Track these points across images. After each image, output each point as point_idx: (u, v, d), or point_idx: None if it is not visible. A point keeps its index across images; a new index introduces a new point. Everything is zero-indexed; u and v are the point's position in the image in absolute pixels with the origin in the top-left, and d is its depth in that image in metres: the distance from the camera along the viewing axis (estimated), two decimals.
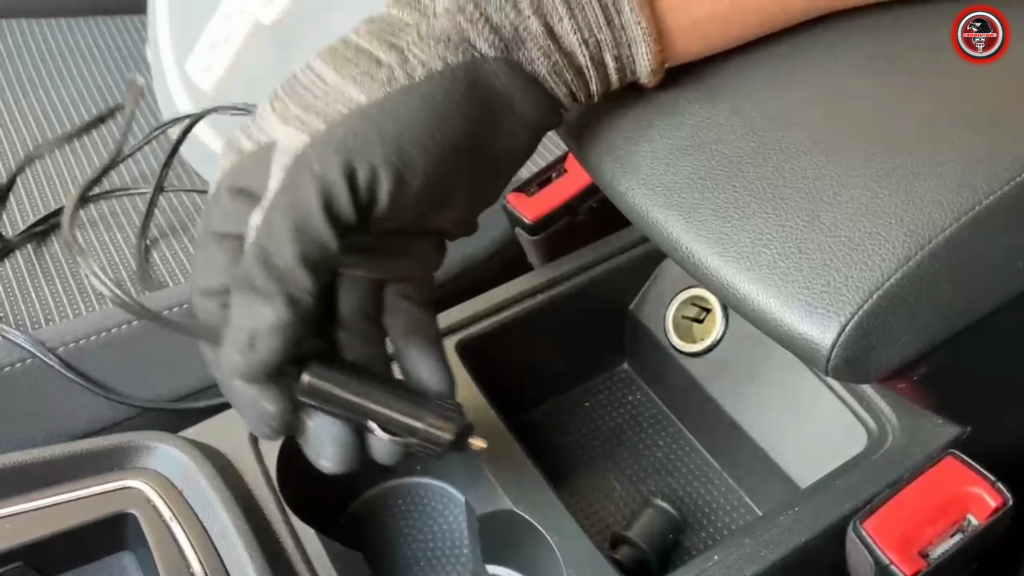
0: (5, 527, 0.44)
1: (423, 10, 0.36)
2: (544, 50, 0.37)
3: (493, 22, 0.36)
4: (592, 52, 0.38)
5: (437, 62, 0.35)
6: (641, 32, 0.38)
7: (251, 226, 0.34)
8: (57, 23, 1.01)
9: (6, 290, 0.66)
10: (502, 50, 0.36)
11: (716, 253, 0.40)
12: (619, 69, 0.40)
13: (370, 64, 0.35)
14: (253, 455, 0.49)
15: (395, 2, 0.38)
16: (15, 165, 0.76)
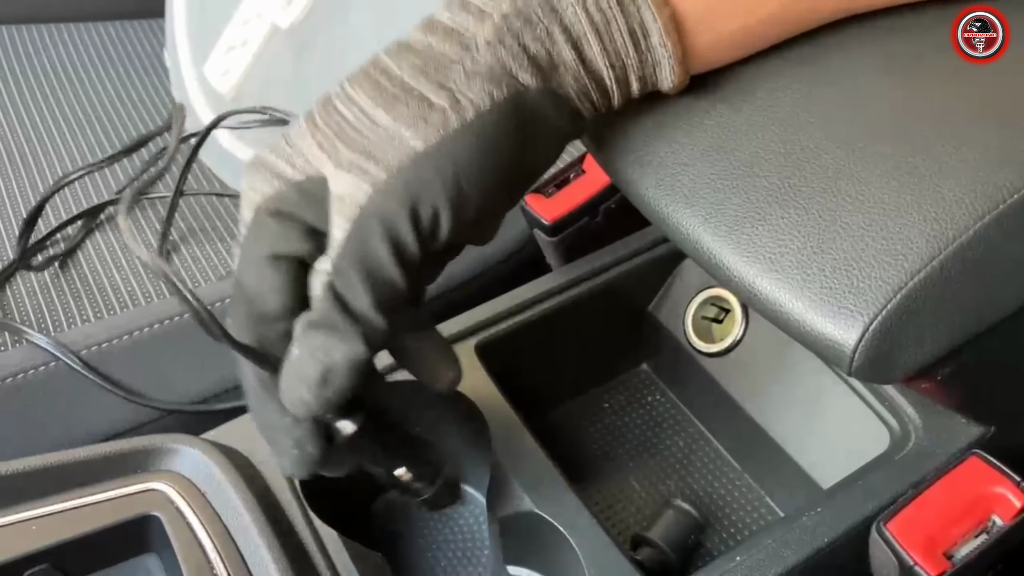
0: (31, 529, 0.45)
1: (466, 44, 0.37)
2: (574, 75, 0.39)
3: (531, 52, 0.37)
4: (618, 74, 0.40)
5: (485, 99, 0.36)
6: (667, 54, 0.40)
7: (319, 271, 0.36)
8: (76, 27, 1.02)
9: (29, 295, 0.67)
10: (540, 79, 0.38)
11: (738, 253, 0.40)
12: (642, 86, 0.41)
13: (421, 106, 0.36)
14: None
15: (430, 29, 0.38)
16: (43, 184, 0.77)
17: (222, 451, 0.48)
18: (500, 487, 0.50)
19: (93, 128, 0.87)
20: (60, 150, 0.83)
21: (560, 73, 0.38)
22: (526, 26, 0.37)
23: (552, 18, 0.37)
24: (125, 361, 0.57)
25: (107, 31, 1.02)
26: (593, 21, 0.38)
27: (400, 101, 0.36)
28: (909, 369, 0.38)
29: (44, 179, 0.80)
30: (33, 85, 0.92)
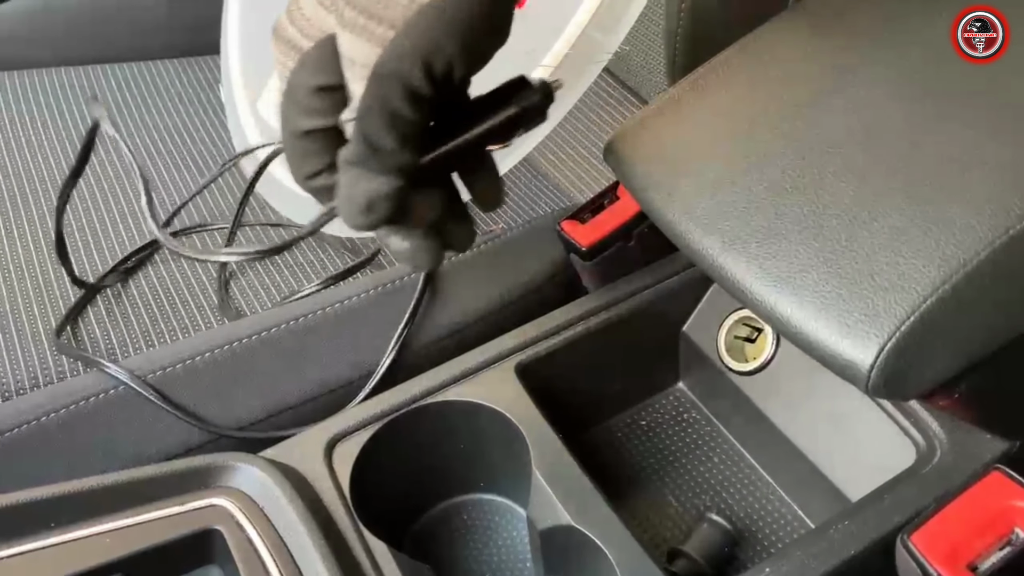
0: (105, 542, 0.48)
1: None
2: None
3: None
4: None
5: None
6: None
7: (344, 120, 0.37)
8: (136, 66, 1.07)
9: (99, 324, 0.71)
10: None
11: (759, 278, 0.42)
12: None
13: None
14: (328, 473, 0.53)
15: None
16: (107, 215, 0.81)
17: (279, 468, 0.51)
18: (540, 502, 0.52)
19: (154, 162, 0.91)
20: (124, 183, 0.88)
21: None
22: None
23: None
24: (186, 385, 0.60)
25: (165, 68, 1.07)
26: None
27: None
28: (924, 387, 0.40)
29: (109, 211, 0.84)
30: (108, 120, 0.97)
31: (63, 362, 0.67)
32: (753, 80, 0.49)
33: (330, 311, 0.65)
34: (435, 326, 0.66)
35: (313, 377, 0.62)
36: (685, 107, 0.49)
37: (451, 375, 0.58)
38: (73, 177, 0.83)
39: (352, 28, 0.35)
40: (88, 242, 0.80)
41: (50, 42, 1.08)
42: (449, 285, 0.65)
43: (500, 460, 0.59)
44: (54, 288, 0.75)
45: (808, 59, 0.48)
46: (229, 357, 0.62)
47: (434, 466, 0.60)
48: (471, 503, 0.61)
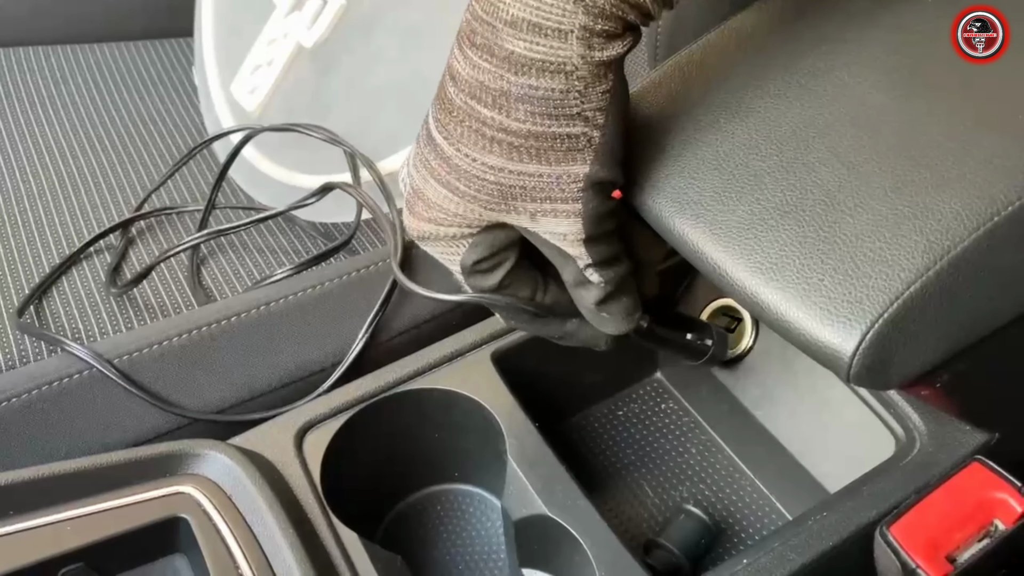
0: (67, 530, 0.47)
1: (566, 70, 0.39)
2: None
3: (614, 36, 0.40)
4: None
5: (610, 108, 0.41)
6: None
7: (576, 284, 0.45)
8: (108, 47, 1.05)
9: (64, 306, 0.69)
10: (630, 42, 0.41)
11: (741, 264, 0.41)
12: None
13: (570, 142, 0.41)
14: (298, 461, 0.51)
15: (519, 69, 0.40)
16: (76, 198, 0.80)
17: (247, 456, 0.50)
18: (515, 492, 0.51)
19: (124, 144, 0.89)
20: (93, 166, 0.86)
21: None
22: (604, 21, 0.38)
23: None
24: (155, 369, 0.59)
25: (138, 50, 1.05)
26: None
27: (545, 148, 0.40)
28: (906, 376, 0.39)
29: (77, 193, 0.82)
30: (68, 103, 0.95)
31: (26, 344, 0.65)
32: (736, 63, 0.48)
33: (303, 296, 0.64)
34: (410, 313, 0.65)
35: (285, 363, 0.61)
36: (666, 91, 0.49)
37: (426, 362, 0.57)
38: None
39: (535, 214, 0.42)
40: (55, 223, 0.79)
41: (22, 21, 1.05)
42: (425, 271, 0.64)
43: (475, 449, 0.58)
44: (17, 267, 0.73)
45: (793, 43, 0.48)
46: (199, 342, 0.61)
47: (407, 455, 0.59)
48: (445, 493, 0.60)
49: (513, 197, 0.42)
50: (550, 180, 0.41)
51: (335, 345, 0.62)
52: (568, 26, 0.38)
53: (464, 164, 0.42)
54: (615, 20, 0.39)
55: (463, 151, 0.41)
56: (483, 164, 0.41)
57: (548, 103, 0.40)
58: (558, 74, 0.39)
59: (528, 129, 0.40)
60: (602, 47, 0.39)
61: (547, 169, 0.41)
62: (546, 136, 0.40)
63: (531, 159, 0.41)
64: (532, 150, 0.41)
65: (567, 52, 0.39)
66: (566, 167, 0.41)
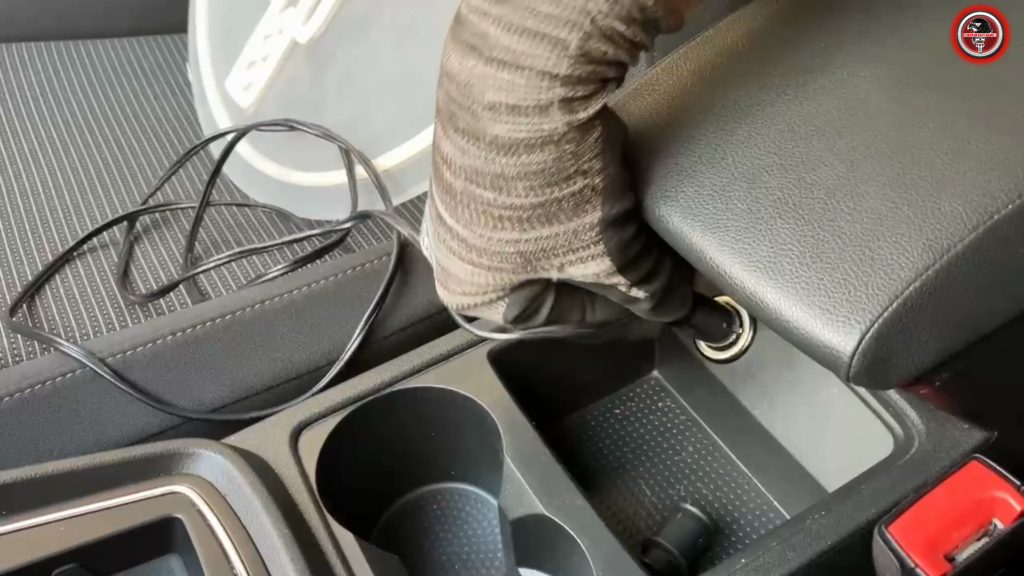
0: (60, 530, 0.46)
1: (569, 138, 0.40)
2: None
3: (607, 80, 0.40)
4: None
5: (611, 162, 0.42)
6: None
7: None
8: (102, 44, 1.04)
9: (57, 305, 0.69)
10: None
11: (739, 263, 0.41)
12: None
13: (581, 198, 0.41)
14: (293, 461, 0.51)
15: (527, 148, 0.40)
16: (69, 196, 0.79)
17: (242, 455, 0.50)
18: (512, 491, 0.51)
19: (118, 141, 0.89)
20: (87, 163, 0.85)
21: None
22: (582, 86, 0.38)
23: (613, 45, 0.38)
24: (149, 368, 0.59)
25: (132, 47, 1.05)
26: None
27: (553, 211, 0.41)
28: (905, 376, 0.39)
29: (71, 190, 0.82)
30: (61, 100, 0.95)
31: (19, 343, 0.64)
32: (733, 61, 0.48)
33: (297, 294, 0.63)
34: (406, 311, 0.64)
35: (279, 361, 0.61)
36: (662, 89, 0.48)
37: (422, 361, 0.56)
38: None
39: (561, 267, 0.43)
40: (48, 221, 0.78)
41: (14, 17, 1.05)
42: (421, 269, 0.64)
43: (472, 448, 0.57)
44: (9, 265, 0.73)
45: (790, 41, 0.47)
46: (193, 340, 0.60)
47: (404, 454, 0.58)
48: (441, 492, 0.60)
49: (536, 259, 0.43)
50: (567, 236, 0.42)
51: (330, 343, 0.62)
52: (547, 100, 0.38)
53: (480, 243, 0.42)
54: (593, 81, 0.39)
55: (476, 231, 0.42)
56: (499, 239, 0.42)
57: (544, 174, 0.40)
58: (547, 146, 0.39)
59: (532, 202, 0.41)
60: (585, 107, 0.39)
61: (560, 228, 0.42)
62: (551, 202, 0.41)
63: (543, 224, 0.41)
64: (542, 217, 0.41)
65: (551, 124, 0.39)
66: (579, 220, 0.42)
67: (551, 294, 0.45)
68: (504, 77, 0.38)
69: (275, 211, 0.79)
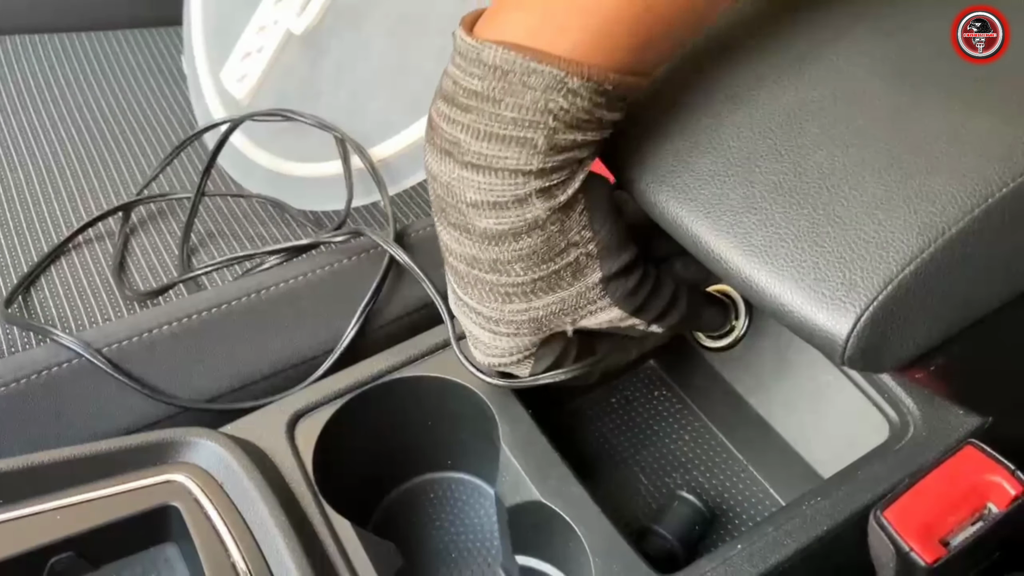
0: (56, 519, 0.46)
1: (556, 216, 0.42)
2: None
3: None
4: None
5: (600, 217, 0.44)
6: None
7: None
8: (96, 36, 1.04)
9: (53, 296, 0.69)
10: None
11: (735, 248, 0.41)
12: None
13: (576, 263, 0.44)
14: (290, 450, 0.51)
15: (518, 234, 0.42)
16: (64, 188, 0.79)
17: (239, 444, 0.50)
18: (509, 479, 0.51)
19: (113, 133, 0.89)
20: (81, 155, 0.85)
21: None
22: (558, 174, 0.41)
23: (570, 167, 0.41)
24: (145, 358, 0.59)
25: (127, 39, 1.04)
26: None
27: (555, 281, 0.44)
28: (900, 360, 0.39)
29: (66, 182, 0.82)
30: (56, 92, 0.94)
31: (14, 334, 0.64)
32: (729, 48, 0.48)
33: (293, 283, 0.63)
34: (402, 300, 0.64)
35: (276, 351, 0.61)
36: (659, 77, 0.48)
37: (419, 350, 0.56)
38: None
39: (590, 315, 0.46)
40: (43, 212, 0.78)
41: (8, 10, 1.05)
42: (417, 258, 0.64)
43: (468, 437, 0.58)
44: (5, 257, 0.73)
45: (787, 29, 0.47)
46: (189, 330, 0.60)
47: (400, 443, 0.58)
48: (438, 481, 0.60)
49: (548, 322, 0.46)
50: (573, 299, 0.45)
51: (327, 333, 0.62)
52: (524, 194, 0.40)
53: (495, 315, 0.46)
54: (567, 166, 0.41)
55: (488, 306, 0.45)
56: (510, 310, 0.45)
57: (537, 255, 0.42)
58: (533, 231, 0.41)
59: (531, 278, 0.43)
60: (563, 191, 0.41)
61: (565, 293, 0.44)
62: (550, 275, 0.43)
63: (547, 294, 0.44)
64: (545, 288, 0.44)
65: (533, 213, 0.41)
66: (581, 284, 0.44)
67: (575, 344, 0.48)
68: (480, 179, 0.40)
69: (270, 201, 0.79)
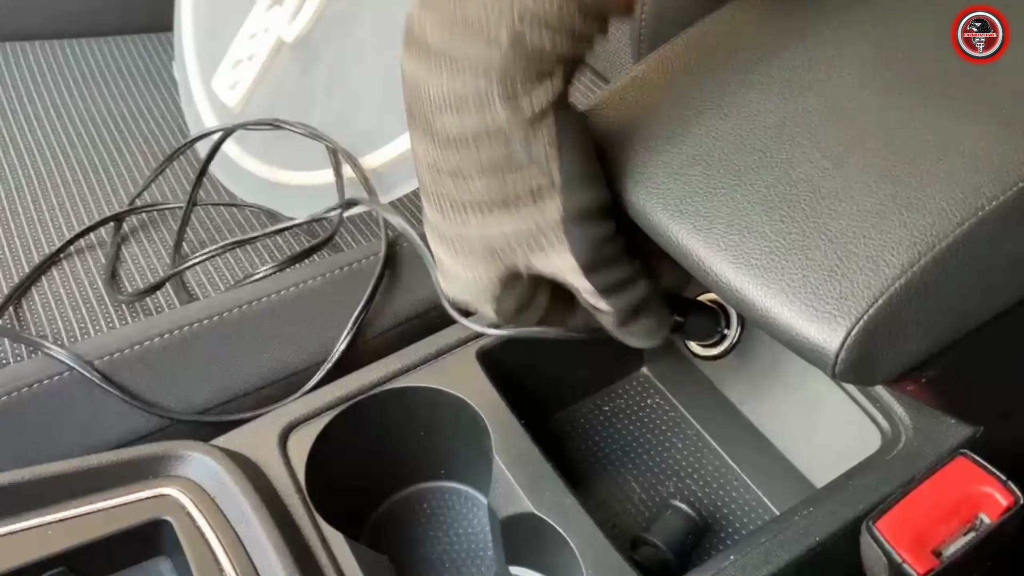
0: (48, 534, 0.46)
1: (501, 130, 0.41)
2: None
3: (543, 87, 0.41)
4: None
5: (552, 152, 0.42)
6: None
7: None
8: (87, 42, 1.04)
9: (44, 307, 0.69)
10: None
11: (726, 260, 0.41)
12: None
13: (534, 188, 0.42)
14: (282, 462, 0.51)
15: (462, 144, 0.41)
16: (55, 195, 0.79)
17: (231, 456, 0.50)
18: (502, 490, 0.51)
19: (104, 141, 0.88)
20: (72, 163, 0.85)
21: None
22: (522, 82, 0.40)
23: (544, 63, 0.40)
24: (137, 370, 0.58)
25: (117, 45, 1.04)
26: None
27: (513, 204, 0.42)
28: (891, 372, 0.39)
29: (57, 191, 0.81)
30: (46, 100, 0.94)
31: (5, 346, 0.64)
32: (719, 58, 0.48)
33: (285, 294, 0.63)
34: (394, 310, 0.64)
35: (268, 362, 0.60)
36: (649, 86, 0.48)
37: (410, 360, 0.56)
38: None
39: (544, 256, 0.43)
40: (34, 222, 0.78)
41: None
42: (408, 268, 0.64)
43: (461, 447, 0.57)
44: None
45: (777, 38, 0.47)
46: (180, 342, 0.60)
47: (393, 454, 0.58)
48: (431, 491, 0.60)
49: (504, 252, 0.43)
50: (529, 229, 0.42)
51: (319, 344, 0.62)
52: (486, 96, 0.39)
53: (450, 232, 0.44)
54: (533, 74, 0.40)
55: (446, 221, 0.44)
56: (467, 228, 0.43)
57: (497, 168, 0.41)
58: (496, 139, 0.40)
59: (491, 196, 0.42)
60: (532, 102, 0.40)
61: (521, 220, 0.42)
62: (509, 196, 0.42)
63: (504, 214, 0.42)
64: (502, 208, 0.42)
65: (496, 120, 0.40)
66: (539, 214, 0.42)
67: (544, 295, 0.46)
68: (445, 77, 0.40)
69: (263, 210, 0.79)
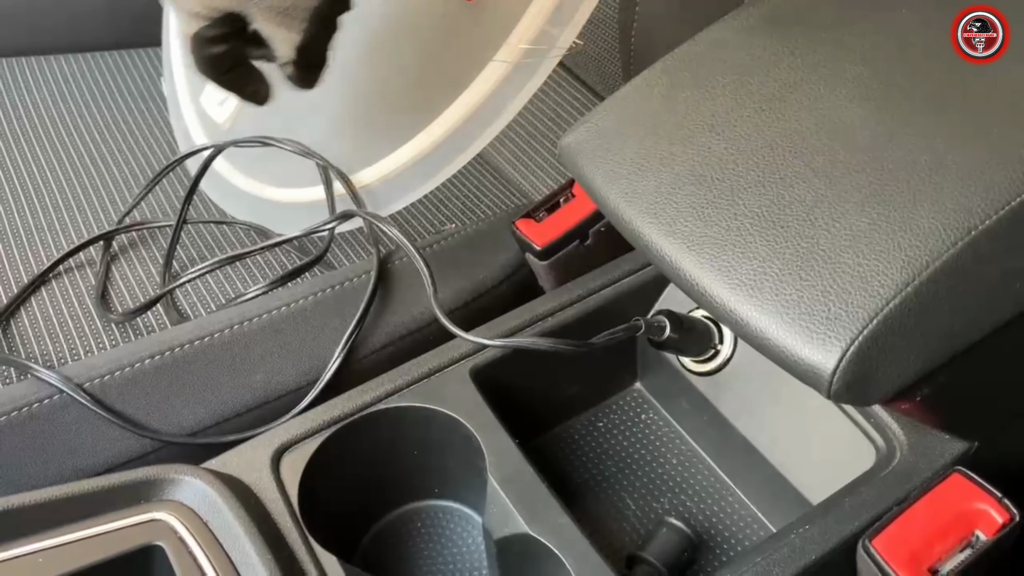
0: (38, 562, 0.46)
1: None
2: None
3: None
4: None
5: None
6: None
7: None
8: (75, 58, 1.03)
9: (33, 328, 0.68)
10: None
11: (719, 281, 0.41)
12: None
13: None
14: (275, 485, 0.51)
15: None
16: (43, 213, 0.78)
17: (223, 480, 0.49)
18: (496, 510, 0.51)
19: (92, 158, 0.88)
20: (60, 180, 0.85)
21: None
22: None
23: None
24: (127, 393, 0.58)
25: (105, 61, 1.04)
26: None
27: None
28: (886, 392, 0.39)
29: (45, 210, 0.81)
30: (34, 116, 0.94)
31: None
32: (710, 76, 0.48)
33: (276, 314, 0.63)
34: (386, 329, 0.64)
35: (259, 383, 0.60)
36: (641, 104, 0.48)
37: (403, 380, 0.56)
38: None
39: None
40: (22, 241, 0.77)
41: None
42: (401, 287, 0.63)
43: (455, 466, 0.57)
44: None
45: (767, 56, 0.48)
46: (171, 363, 0.60)
47: (386, 474, 0.58)
48: (425, 510, 0.60)
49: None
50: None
51: (310, 364, 0.61)
52: None
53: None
54: None
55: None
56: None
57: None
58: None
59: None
60: None
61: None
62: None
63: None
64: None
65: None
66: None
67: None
68: None
69: (253, 228, 0.78)
